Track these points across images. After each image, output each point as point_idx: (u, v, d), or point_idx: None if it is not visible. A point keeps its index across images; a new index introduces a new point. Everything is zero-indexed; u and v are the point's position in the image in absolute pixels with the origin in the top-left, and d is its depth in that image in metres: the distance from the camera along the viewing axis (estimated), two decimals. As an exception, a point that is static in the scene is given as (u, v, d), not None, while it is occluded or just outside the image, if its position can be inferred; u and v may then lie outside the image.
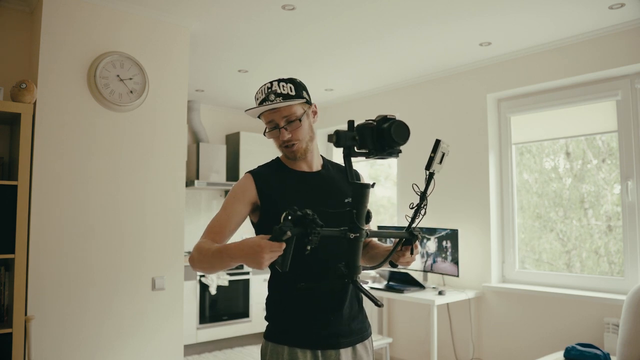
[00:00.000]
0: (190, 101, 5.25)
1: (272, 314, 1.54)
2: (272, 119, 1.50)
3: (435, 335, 3.49)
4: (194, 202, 5.44)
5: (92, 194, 2.82)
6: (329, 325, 1.47)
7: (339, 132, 1.20)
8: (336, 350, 1.47)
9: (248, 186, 1.54)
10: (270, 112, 1.50)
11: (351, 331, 1.51)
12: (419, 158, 4.40)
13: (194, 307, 4.72)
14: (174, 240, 3.12)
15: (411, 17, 3.15)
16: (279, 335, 1.49)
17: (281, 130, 1.50)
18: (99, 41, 2.89)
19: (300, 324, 1.48)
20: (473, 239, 3.98)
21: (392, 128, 1.20)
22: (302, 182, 1.58)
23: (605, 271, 3.46)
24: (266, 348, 1.50)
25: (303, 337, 1.46)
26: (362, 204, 1.24)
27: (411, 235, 1.39)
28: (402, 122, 1.23)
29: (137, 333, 2.94)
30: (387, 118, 1.24)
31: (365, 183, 1.25)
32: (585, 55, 3.38)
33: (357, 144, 1.22)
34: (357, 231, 1.23)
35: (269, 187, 1.54)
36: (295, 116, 1.50)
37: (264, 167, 1.63)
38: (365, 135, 1.23)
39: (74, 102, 2.79)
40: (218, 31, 3.40)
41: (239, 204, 1.52)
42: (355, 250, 1.26)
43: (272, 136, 1.53)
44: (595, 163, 3.58)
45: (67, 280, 2.71)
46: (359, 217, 1.23)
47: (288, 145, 1.51)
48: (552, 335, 3.43)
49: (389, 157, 1.25)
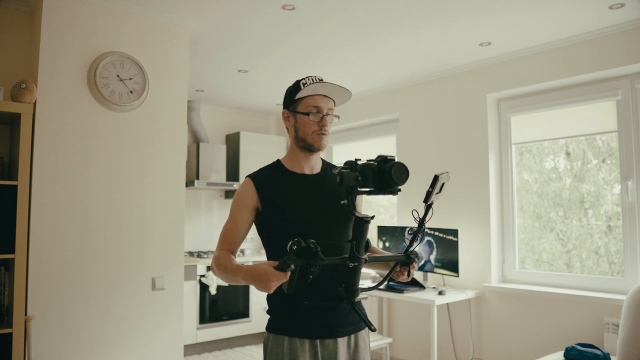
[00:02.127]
0: (190, 101, 5.26)
1: (273, 308, 1.61)
2: (320, 105, 1.58)
3: (435, 335, 3.49)
4: (194, 202, 5.45)
5: (92, 194, 2.83)
6: (327, 317, 1.54)
7: (343, 172, 1.30)
8: (334, 340, 1.54)
9: (249, 192, 1.59)
10: (323, 96, 1.58)
11: (348, 322, 1.57)
12: (419, 158, 4.41)
13: (194, 307, 4.73)
14: (174, 240, 3.12)
15: (411, 17, 3.15)
16: (279, 326, 1.55)
17: (325, 117, 1.58)
18: (99, 41, 2.89)
19: (299, 316, 1.53)
20: (473, 239, 3.98)
21: (392, 170, 1.29)
22: (302, 184, 1.62)
23: (605, 271, 3.46)
24: (268, 339, 1.58)
25: (302, 328, 1.53)
26: (362, 236, 1.34)
27: (408, 258, 1.49)
28: (402, 164, 1.32)
29: (137, 333, 2.94)
30: (388, 159, 1.33)
31: (365, 218, 1.33)
32: (586, 55, 3.38)
33: (359, 183, 1.32)
34: (356, 261, 1.35)
35: (270, 190, 1.59)
36: (334, 113, 1.61)
37: (265, 169, 1.67)
38: (367, 176, 1.32)
39: (74, 102, 2.79)
40: (218, 31, 3.40)
41: (244, 212, 1.59)
42: (355, 275, 1.37)
43: (313, 120, 1.58)
44: (595, 163, 3.58)
45: (67, 281, 2.72)
46: (358, 248, 1.34)
47: (323, 133, 1.58)
48: (552, 335, 3.43)
49: (389, 194, 1.35)
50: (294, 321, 1.53)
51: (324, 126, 1.57)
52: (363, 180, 1.32)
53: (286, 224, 1.55)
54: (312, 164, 1.65)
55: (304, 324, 1.52)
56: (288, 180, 1.61)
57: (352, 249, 1.34)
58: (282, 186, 1.60)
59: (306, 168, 1.64)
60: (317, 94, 1.58)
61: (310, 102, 1.58)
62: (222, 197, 5.68)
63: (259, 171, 1.66)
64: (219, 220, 5.61)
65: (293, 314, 1.53)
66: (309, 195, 1.59)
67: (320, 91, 1.58)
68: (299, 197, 1.58)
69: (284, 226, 1.55)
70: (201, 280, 4.79)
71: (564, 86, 3.63)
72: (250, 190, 1.59)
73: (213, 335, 4.85)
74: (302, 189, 1.60)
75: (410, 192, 3.57)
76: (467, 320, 3.93)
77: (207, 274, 4.82)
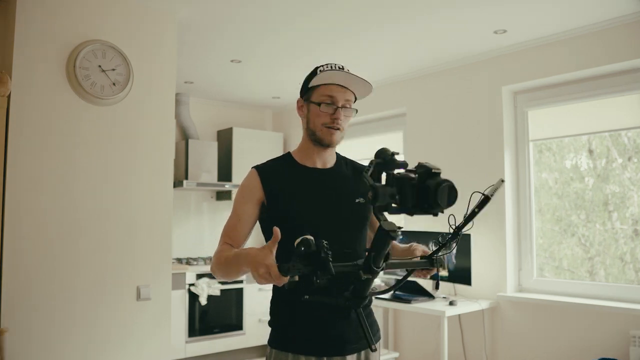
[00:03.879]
0: (178, 94, 5.25)
1: (275, 320, 1.59)
2: (335, 95, 1.55)
3: (445, 349, 3.48)
4: (183, 204, 5.44)
5: (72, 195, 2.82)
6: (334, 331, 1.51)
7: (377, 187, 1.14)
8: (342, 357, 1.51)
9: (254, 184, 1.57)
10: (339, 86, 1.56)
11: (358, 337, 1.53)
12: (428, 156, 4.39)
13: (182, 319, 4.71)
14: (160, 246, 3.11)
15: (420, 3, 3.14)
16: (282, 341, 1.53)
17: (338, 110, 1.54)
18: (79, 28, 2.88)
19: (304, 330, 1.51)
20: (487, 244, 3.97)
21: (438, 191, 1.12)
22: (312, 179, 1.60)
23: (632, 279, 3.45)
24: (270, 356, 1.55)
25: (307, 344, 1.50)
26: (383, 248, 1.23)
27: (431, 264, 1.43)
28: (452, 186, 1.15)
29: (121, 347, 2.93)
30: (432, 172, 1.15)
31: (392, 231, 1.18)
32: (612, 43, 3.37)
33: (396, 201, 1.16)
34: (370, 273, 1.25)
35: (276, 182, 1.57)
36: (351, 104, 1.58)
37: (273, 161, 1.66)
38: (405, 193, 1.15)
39: (52, 95, 2.79)
40: (209, 17, 3.39)
41: (248, 205, 1.57)
42: (366, 283, 1.30)
43: (324, 111, 1.55)
44: (621, 162, 3.57)
45: (44, 290, 2.70)
46: (375, 260, 1.23)
47: (333, 127, 1.55)
48: (573, 349, 3.42)
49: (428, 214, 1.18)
50: (299, 336, 1.51)
51: (337, 119, 1.54)
52: (401, 199, 1.15)
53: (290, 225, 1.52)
54: (324, 158, 1.63)
55: (310, 339, 1.50)
56: (297, 174, 1.60)
57: (369, 259, 1.23)
58: (289, 181, 1.58)
59: (318, 162, 1.62)
60: (333, 83, 1.55)
61: (324, 91, 1.56)
62: (214, 199, 5.67)
63: (266, 162, 1.65)
64: (209, 224, 5.60)
65: (298, 327, 1.52)
66: (318, 192, 1.57)
67: (337, 80, 1.55)
68: (307, 194, 1.56)
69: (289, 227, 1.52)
70: (190, 290, 4.78)
71: (586, 77, 3.61)
72: (255, 181, 1.57)
73: (203, 350, 4.84)
74: (312, 186, 1.58)
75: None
76: (481, 333, 3.92)
77: (196, 282, 4.81)
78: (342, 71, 1.54)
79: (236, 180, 5.40)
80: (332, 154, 1.66)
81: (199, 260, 5.10)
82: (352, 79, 1.55)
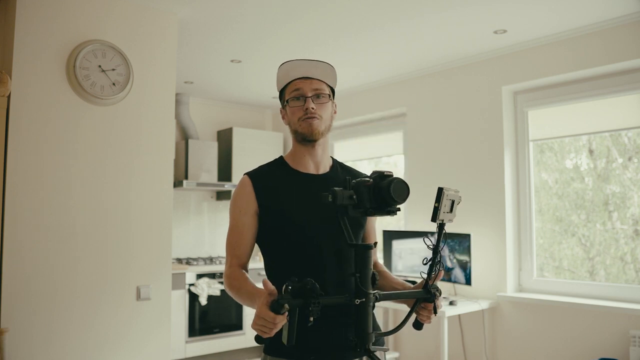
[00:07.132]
0: (178, 94, 5.25)
1: None
2: (300, 87, 1.53)
3: (445, 349, 3.49)
4: (183, 204, 5.44)
5: (72, 195, 2.82)
6: (333, 337, 1.46)
7: (336, 190, 1.26)
8: None
9: (247, 193, 1.54)
10: (301, 79, 1.53)
11: None
12: (428, 157, 4.40)
13: (182, 319, 4.72)
14: (160, 246, 3.12)
15: (420, 3, 3.14)
16: (278, 348, 1.46)
17: (307, 99, 1.52)
18: (79, 29, 2.89)
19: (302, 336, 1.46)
20: (487, 244, 3.98)
21: (391, 187, 1.25)
22: (305, 185, 1.56)
23: (632, 279, 3.45)
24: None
25: (305, 350, 1.44)
26: (365, 266, 1.27)
27: (428, 294, 1.41)
28: (401, 181, 1.28)
29: (121, 347, 2.94)
30: (384, 175, 1.29)
31: (367, 244, 1.29)
32: (612, 43, 3.37)
33: (354, 202, 1.28)
34: (363, 296, 1.26)
35: (268, 190, 1.54)
36: (324, 93, 1.55)
37: (265, 166, 1.62)
38: (362, 194, 1.28)
39: (52, 95, 2.79)
40: (209, 17, 3.40)
41: (246, 217, 1.54)
42: (364, 316, 1.28)
43: (295, 106, 1.54)
44: (621, 162, 3.58)
45: (45, 290, 2.71)
46: (363, 280, 1.27)
47: (309, 117, 1.52)
48: (573, 349, 3.42)
49: (387, 215, 1.30)
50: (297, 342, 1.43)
51: (308, 108, 1.51)
52: (358, 199, 1.28)
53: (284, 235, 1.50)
54: (317, 161, 1.59)
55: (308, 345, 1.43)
56: (290, 181, 1.56)
57: (357, 283, 1.27)
58: (282, 188, 1.54)
59: (311, 166, 1.58)
60: (295, 78, 1.55)
61: (291, 89, 1.55)
62: (213, 199, 5.68)
63: (259, 168, 1.61)
64: (209, 224, 5.61)
65: None
66: (313, 200, 1.47)
67: (296, 74, 1.54)
68: (301, 203, 1.51)
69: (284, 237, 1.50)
70: (190, 290, 4.78)
71: (586, 77, 3.62)
72: (249, 190, 1.53)
73: (203, 350, 4.84)
74: (306, 193, 1.53)
75: (419, 193, 3.56)
76: (481, 333, 3.93)
77: (196, 282, 4.81)
78: (297, 60, 1.54)
79: (236, 180, 5.40)
80: (325, 157, 1.62)
81: (199, 260, 5.11)
82: (311, 67, 1.54)
